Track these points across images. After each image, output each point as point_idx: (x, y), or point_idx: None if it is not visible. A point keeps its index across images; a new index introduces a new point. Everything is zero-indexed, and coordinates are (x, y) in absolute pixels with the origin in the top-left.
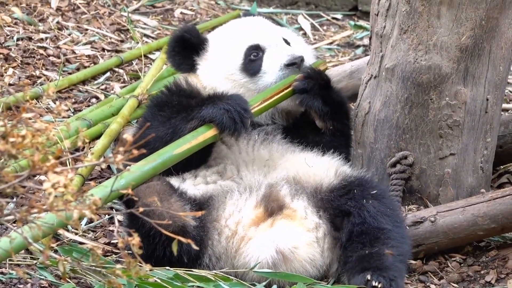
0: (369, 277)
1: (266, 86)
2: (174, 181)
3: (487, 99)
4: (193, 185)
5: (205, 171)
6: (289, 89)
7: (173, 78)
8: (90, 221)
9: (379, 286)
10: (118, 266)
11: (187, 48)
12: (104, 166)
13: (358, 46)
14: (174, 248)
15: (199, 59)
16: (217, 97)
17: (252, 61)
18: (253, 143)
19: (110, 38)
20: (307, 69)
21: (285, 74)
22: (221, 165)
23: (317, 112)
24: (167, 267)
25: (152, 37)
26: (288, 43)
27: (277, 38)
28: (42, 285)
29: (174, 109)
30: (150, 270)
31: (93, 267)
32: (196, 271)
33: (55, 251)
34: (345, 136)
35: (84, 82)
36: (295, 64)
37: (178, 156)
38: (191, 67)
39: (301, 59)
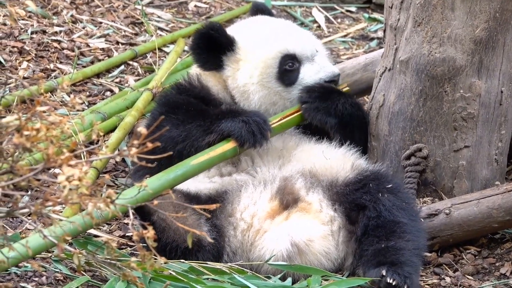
0: (384, 272)
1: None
2: None
3: (502, 92)
4: (207, 177)
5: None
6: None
7: (186, 73)
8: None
9: (394, 283)
10: (133, 259)
11: (212, 46)
12: (118, 159)
13: (372, 39)
14: (189, 241)
15: (227, 60)
16: (236, 111)
17: (288, 71)
18: None
19: (124, 31)
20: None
21: None
22: (235, 156)
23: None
24: (182, 260)
25: (166, 30)
26: (317, 51)
27: (313, 49)
28: (57, 278)
29: (188, 113)
30: (165, 263)
31: (108, 260)
32: (211, 264)
33: (70, 244)
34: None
35: (98, 75)
36: (334, 81)
37: (196, 167)
38: (215, 67)
39: (339, 77)
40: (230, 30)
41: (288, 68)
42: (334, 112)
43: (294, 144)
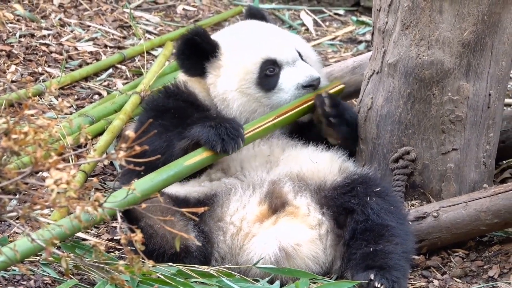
0: (372, 276)
1: (280, 103)
2: (177, 183)
3: (490, 94)
4: (197, 183)
5: (208, 169)
6: (301, 107)
7: (173, 79)
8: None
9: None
10: (121, 262)
11: (197, 52)
12: (106, 162)
13: (361, 42)
14: (177, 244)
15: (210, 66)
16: (210, 117)
17: (268, 76)
18: None
19: (113, 34)
20: (314, 78)
21: (300, 94)
22: (224, 162)
23: (342, 136)
24: (170, 263)
25: (155, 34)
26: (300, 55)
27: (294, 53)
28: (45, 282)
29: (173, 120)
30: (153, 266)
31: (96, 264)
32: (199, 267)
33: (58, 248)
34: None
35: (86, 78)
36: (312, 86)
37: (190, 167)
38: (199, 73)
39: (319, 81)
40: (216, 36)
41: (268, 73)
42: (345, 122)
43: (281, 149)
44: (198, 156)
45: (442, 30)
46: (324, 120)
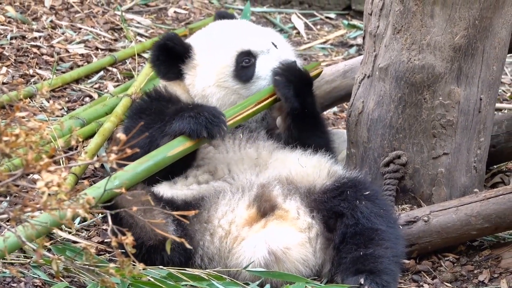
0: (362, 281)
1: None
2: (165, 184)
3: (481, 99)
4: (185, 185)
5: (195, 171)
6: (273, 97)
7: (153, 85)
8: (84, 220)
9: None
10: (112, 265)
11: (171, 56)
12: (97, 165)
13: (352, 46)
14: (168, 247)
15: (186, 68)
16: (186, 109)
17: (245, 67)
18: (239, 142)
19: (104, 37)
20: (289, 62)
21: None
22: (211, 164)
23: (284, 102)
24: (161, 266)
25: (146, 36)
26: (275, 45)
27: (268, 43)
28: (36, 284)
29: (151, 117)
30: (144, 269)
31: (87, 266)
32: (189, 270)
33: (49, 250)
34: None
35: (77, 81)
36: None
37: (172, 158)
38: (177, 76)
39: (295, 63)
40: (189, 39)
41: (244, 64)
42: (302, 97)
43: (269, 153)
44: (180, 146)
45: (433, 34)
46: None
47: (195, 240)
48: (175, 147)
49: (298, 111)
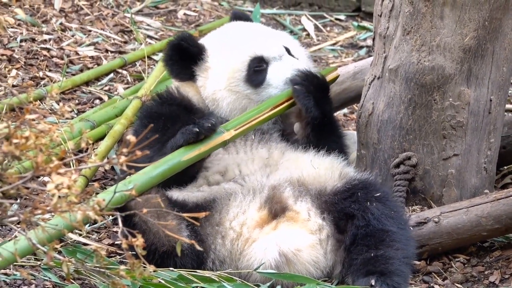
0: (373, 282)
1: (269, 98)
2: (175, 188)
3: (491, 100)
4: (195, 187)
5: (205, 172)
6: (289, 102)
7: (166, 86)
8: (94, 222)
9: None
10: (122, 267)
11: (185, 56)
12: (107, 167)
13: (362, 47)
14: (178, 249)
15: (198, 69)
16: (184, 122)
17: (257, 71)
18: (251, 143)
19: (114, 39)
20: (306, 71)
21: (289, 88)
22: (221, 165)
23: (305, 112)
24: (171, 268)
25: (156, 38)
26: (288, 51)
27: (281, 49)
28: (46, 286)
29: (159, 124)
30: (154, 271)
31: (97, 268)
32: (200, 272)
33: (59, 252)
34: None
35: (87, 83)
36: None
37: (186, 162)
38: (189, 77)
39: (310, 71)
40: (203, 40)
41: (256, 69)
42: (321, 106)
43: (280, 153)
44: (196, 151)
45: (443, 35)
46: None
47: (207, 244)
48: (190, 152)
49: (319, 120)
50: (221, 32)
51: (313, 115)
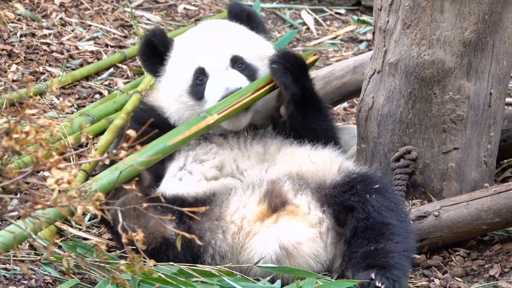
0: (373, 275)
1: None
2: (170, 181)
3: (491, 93)
4: (192, 181)
5: (200, 167)
6: (270, 85)
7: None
8: (94, 216)
9: (382, 287)
10: (122, 261)
11: (155, 53)
12: (107, 162)
13: (362, 41)
14: (178, 243)
15: (162, 70)
16: None
17: (199, 85)
18: (244, 140)
19: (114, 34)
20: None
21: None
22: (216, 159)
23: (284, 89)
24: (171, 263)
25: None
26: (239, 61)
27: (223, 61)
28: (46, 281)
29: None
30: (154, 266)
31: (97, 263)
32: (200, 267)
33: (59, 247)
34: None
35: (87, 78)
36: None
37: (172, 147)
38: (158, 75)
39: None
40: (176, 38)
41: (198, 82)
42: (301, 82)
43: (276, 148)
44: (180, 136)
45: (443, 29)
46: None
47: (205, 239)
48: (175, 137)
49: (299, 96)
50: (188, 33)
51: (292, 91)
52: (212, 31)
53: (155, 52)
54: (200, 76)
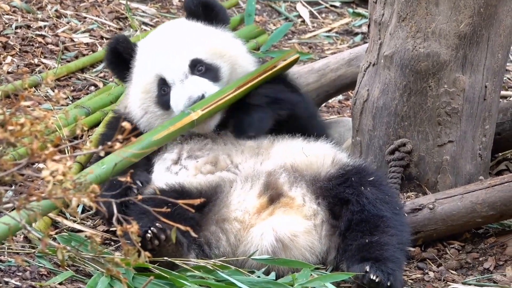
0: (367, 268)
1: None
2: (164, 174)
3: (486, 86)
4: (187, 176)
5: (194, 162)
6: (249, 85)
7: None
8: (89, 208)
9: (377, 280)
10: (117, 254)
11: (122, 60)
12: (102, 154)
13: (357, 34)
14: (173, 235)
15: (129, 77)
16: None
17: (164, 95)
18: None
19: (109, 26)
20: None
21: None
22: (210, 155)
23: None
24: (165, 257)
25: (151, 25)
26: (200, 64)
27: (182, 69)
28: (41, 273)
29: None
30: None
31: (92, 255)
32: (194, 261)
33: (54, 239)
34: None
35: (82, 70)
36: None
37: (158, 142)
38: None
39: (200, 98)
40: (141, 41)
41: (163, 92)
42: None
43: (269, 142)
44: (165, 131)
45: (438, 22)
46: None
47: (203, 233)
48: (160, 132)
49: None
50: (149, 38)
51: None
52: (169, 36)
53: (121, 59)
54: (163, 86)
